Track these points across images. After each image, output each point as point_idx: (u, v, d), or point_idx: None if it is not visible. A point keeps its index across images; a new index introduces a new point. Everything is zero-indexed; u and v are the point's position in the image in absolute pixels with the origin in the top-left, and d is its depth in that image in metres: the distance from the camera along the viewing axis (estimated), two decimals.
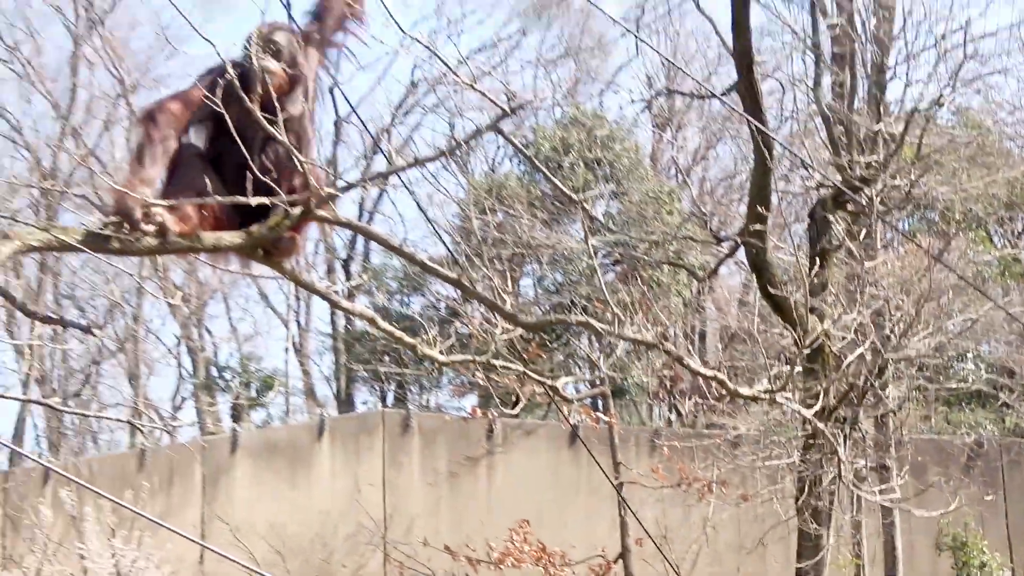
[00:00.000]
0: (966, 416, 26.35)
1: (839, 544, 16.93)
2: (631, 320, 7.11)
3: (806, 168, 18.79)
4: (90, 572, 20.23)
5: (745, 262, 17.96)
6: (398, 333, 6.74)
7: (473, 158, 34.56)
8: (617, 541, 21.55)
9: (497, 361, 7.07)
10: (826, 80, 17.99)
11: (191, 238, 5.78)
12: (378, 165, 35.34)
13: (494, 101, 5.70)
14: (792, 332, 13.18)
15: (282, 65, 6.15)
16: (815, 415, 11.34)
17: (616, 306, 6.90)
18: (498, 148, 35.30)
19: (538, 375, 7.79)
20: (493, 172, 34.51)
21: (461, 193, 32.73)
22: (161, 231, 5.67)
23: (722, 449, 19.68)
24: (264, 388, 34.98)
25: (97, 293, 34.16)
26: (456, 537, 21.37)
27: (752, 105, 14.29)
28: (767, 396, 7.47)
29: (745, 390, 7.53)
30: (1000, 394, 24.11)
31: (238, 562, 6.47)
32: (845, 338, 14.30)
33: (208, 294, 35.90)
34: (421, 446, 24.35)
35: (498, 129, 5.85)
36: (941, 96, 17.24)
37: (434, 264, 6.64)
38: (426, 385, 33.01)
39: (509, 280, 7.17)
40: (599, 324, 6.82)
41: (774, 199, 17.20)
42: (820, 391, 12.64)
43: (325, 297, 7.21)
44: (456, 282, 6.37)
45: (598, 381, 23.59)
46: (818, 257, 15.15)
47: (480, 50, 36.14)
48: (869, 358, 14.92)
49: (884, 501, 16.21)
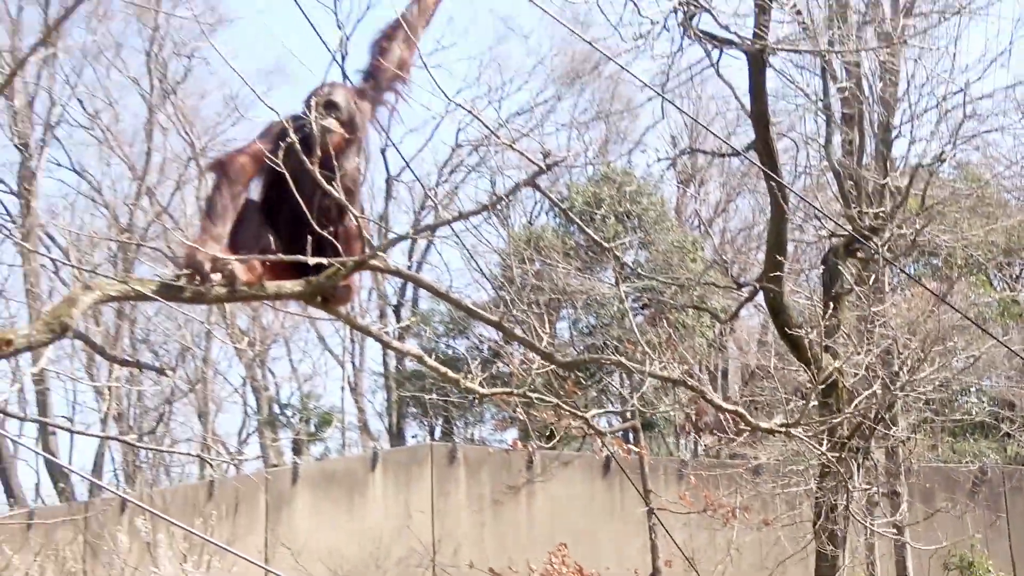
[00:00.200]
0: (971, 446, 26.18)
1: (854, 564, 16.77)
2: (659, 359, 7.09)
3: (819, 219, 18.73)
4: None
5: (764, 305, 17.90)
6: (443, 368, 6.75)
7: (513, 212, 34.67)
8: (648, 563, 21.47)
9: (533, 393, 7.06)
10: (836, 138, 17.95)
11: (256, 287, 5.80)
12: (426, 219, 35.43)
13: (531, 159, 5.71)
14: (807, 369, 13.15)
15: (339, 123, 6.18)
16: (829, 446, 11.28)
17: (645, 346, 6.89)
18: (535, 203, 35.39)
19: (573, 409, 7.78)
20: (531, 224, 34.56)
21: (502, 244, 32.85)
22: (229, 281, 5.70)
23: (744, 477, 19.59)
24: (322, 424, 35.04)
25: (170, 338, 34.26)
26: (500, 560, 21.34)
27: (769, 161, 14.30)
28: (784, 429, 7.44)
29: (764, 423, 7.49)
30: (1002, 425, 23.92)
31: None
32: (857, 375, 14.21)
33: (271, 338, 35.96)
34: (467, 476, 24.32)
35: (535, 185, 5.85)
36: (943, 152, 17.20)
37: (477, 308, 6.66)
38: (471, 420, 33.01)
39: (546, 323, 7.16)
40: (630, 363, 6.81)
41: (790, 247, 17.22)
42: (834, 424, 12.57)
43: (378, 339, 7.23)
44: (498, 324, 6.37)
45: (629, 415, 23.54)
46: (831, 300, 15.08)
47: (518, 114, 36.28)
48: (879, 393, 14.82)
49: (886, 531, 16.14)
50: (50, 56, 31.25)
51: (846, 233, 15.94)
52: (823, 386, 12.74)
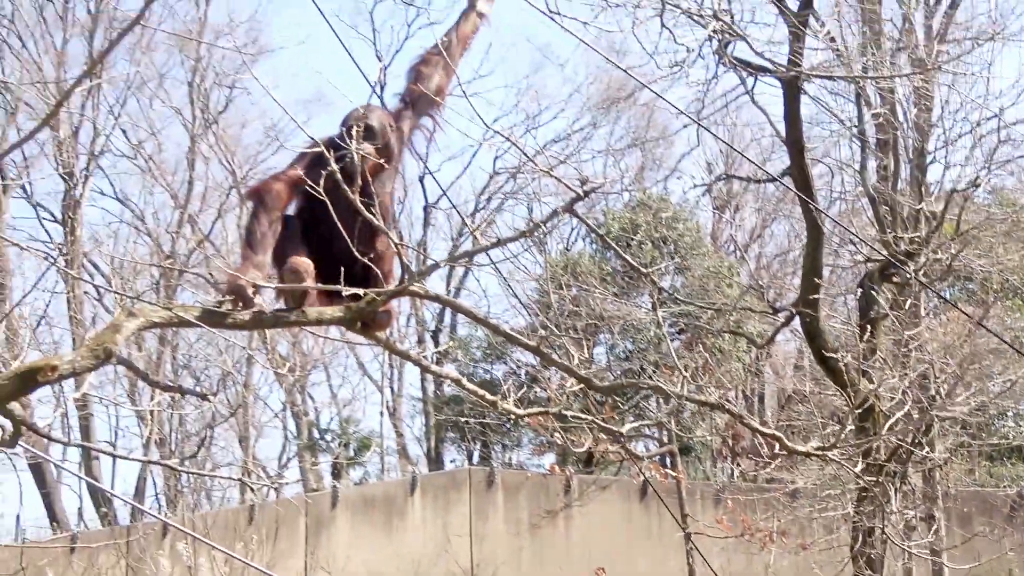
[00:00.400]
0: (1008, 470, 25.94)
1: None
2: (696, 384, 7.07)
3: (854, 244, 18.64)
4: None
5: (800, 330, 17.81)
6: (480, 391, 6.74)
7: (550, 238, 34.68)
8: None
9: (569, 412, 7.04)
10: (871, 164, 17.89)
11: (297, 313, 5.83)
12: (464, 245, 35.49)
13: (568, 186, 5.71)
14: (844, 393, 13.09)
15: (374, 146, 6.19)
16: (866, 470, 11.20)
17: (682, 371, 6.87)
18: (572, 229, 35.43)
19: (609, 428, 7.76)
20: (568, 251, 34.58)
21: (539, 270, 32.82)
22: (297, 301, 5.75)
23: (781, 502, 19.46)
24: (361, 448, 35.09)
25: (211, 364, 34.39)
26: None
27: (804, 187, 14.27)
28: (821, 453, 7.38)
29: (801, 447, 7.44)
30: None
31: None
32: (893, 399, 14.12)
33: (311, 364, 36.06)
34: (504, 500, 24.28)
35: (573, 211, 5.85)
36: (978, 177, 17.07)
37: (515, 334, 6.65)
38: (508, 444, 32.97)
39: (584, 348, 7.15)
40: (667, 387, 6.79)
41: (825, 272, 17.15)
42: (871, 448, 12.49)
43: (417, 363, 7.23)
44: (535, 349, 6.36)
45: (666, 440, 23.45)
46: (867, 325, 15.01)
47: (555, 141, 36.37)
48: (916, 417, 14.73)
49: (924, 555, 16.01)
50: (94, 87, 31.49)
51: (882, 258, 15.87)
52: (859, 410, 12.67)
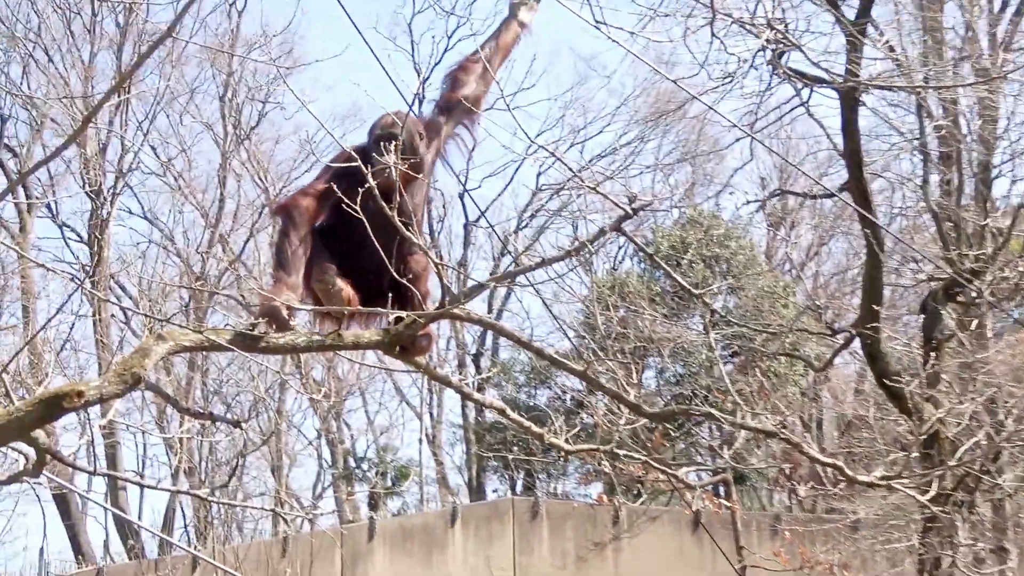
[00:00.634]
0: None
1: None
2: (750, 409, 7.04)
3: (917, 262, 18.56)
4: None
5: (860, 353, 17.71)
6: (526, 423, 6.72)
7: (596, 258, 34.63)
8: None
9: (621, 450, 7.02)
10: (933, 178, 17.80)
11: (332, 336, 5.83)
12: (506, 265, 35.47)
13: (616, 203, 5.70)
14: (907, 419, 12.99)
15: (402, 156, 6.17)
16: (932, 500, 11.11)
17: (736, 396, 6.85)
18: (619, 248, 35.35)
19: (661, 464, 7.73)
20: (615, 270, 34.53)
21: (585, 291, 32.80)
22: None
23: (842, 533, 19.33)
24: (399, 478, 35.06)
25: (243, 389, 34.43)
26: None
27: (863, 202, 14.21)
28: (885, 482, 7.34)
29: (863, 476, 7.39)
30: None
31: None
32: (960, 424, 14.02)
33: (346, 389, 36.10)
34: (550, 532, 24.20)
35: (620, 229, 5.83)
36: None
37: (561, 358, 6.64)
38: (554, 473, 32.87)
39: (633, 372, 7.13)
40: (720, 413, 6.77)
41: (886, 292, 17.04)
42: (937, 476, 12.39)
43: (458, 390, 7.23)
44: (582, 374, 6.35)
45: (720, 468, 23.35)
46: (931, 347, 14.92)
47: (601, 156, 36.25)
48: (984, 443, 14.60)
49: None
50: (123, 102, 31.69)
51: (946, 276, 15.77)
52: (924, 437, 12.59)
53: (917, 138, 17.53)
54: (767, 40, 12.78)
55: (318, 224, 6.28)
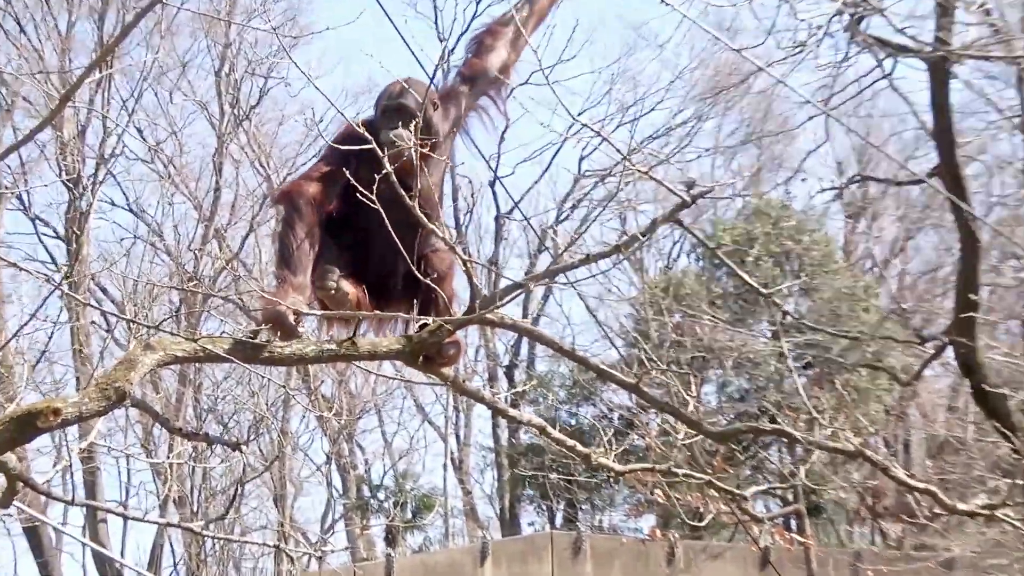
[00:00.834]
0: None
1: None
2: (828, 428, 7.01)
3: (1019, 258, 18.47)
4: None
5: (953, 363, 17.63)
6: (569, 441, 6.71)
7: (648, 254, 34.57)
8: None
9: (680, 470, 7.01)
10: None
11: (346, 345, 5.81)
12: (544, 263, 35.41)
13: (671, 190, 5.68)
14: (1011, 440, 12.91)
15: (414, 130, 6.12)
16: None
17: (812, 412, 6.82)
18: (675, 243, 35.30)
19: (724, 491, 7.71)
20: (670, 268, 34.48)
21: (635, 292, 32.74)
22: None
23: (934, 573, 19.27)
24: (421, 508, 35.08)
25: (242, 407, 34.43)
26: None
27: (956, 189, 14.12)
28: (988, 512, 7.28)
29: (961, 506, 7.34)
30: None
31: None
32: None
33: (360, 406, 36.13)
34: (595, 570, 24.18)
35: (677, 221, 5.82)
36: None
37: (609, 369, 6.62)
38: (599, 504, 32.85)
39: (692, 385, 7.11)
40: (793, 433, 6.74)
41: (984, 293, 16.94)
42: None
43: (490, 406, 7.22)
44: (635, 388, 6.33)
45: (791, 497, 23.30)
46: None
47: (653, 137, 36.06)
48: None
49: None
50: (105, 78, 31.78)
51: None
52: None
53: (1018, 115, 17.44)
54: (844, 4, 12.73)
55: (327, 213, 6.25)
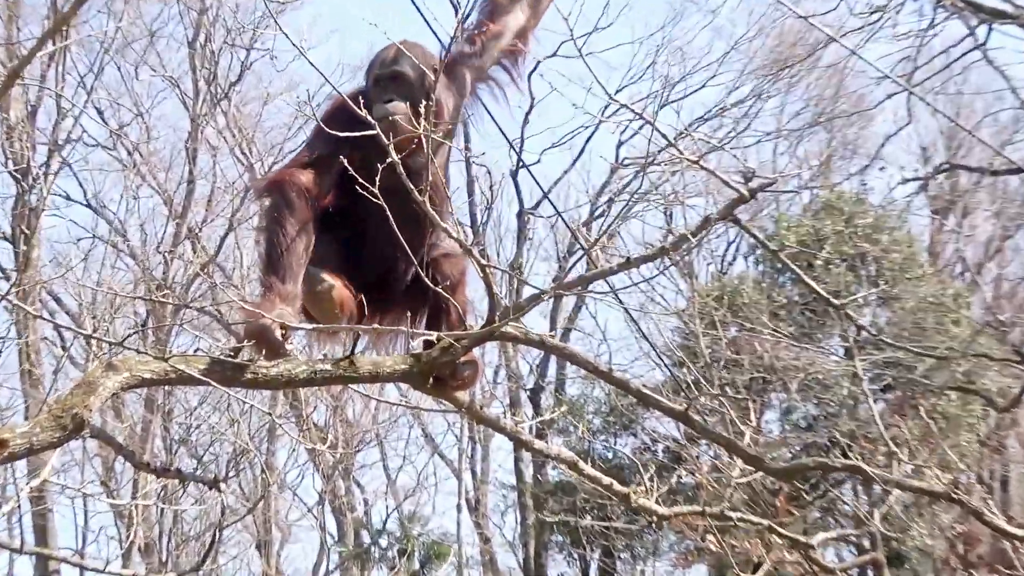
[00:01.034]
0: None
1: None
2: (911, 464, 7.01)
3: None
4: None
5: None
6: (606, 480, 6.72)
7: (698, 257, 34.57)
8: None
9: (734, 513, 7.01)
10: None
11: (344, 365, 5.80)
12: (575, 268, 35.38)
13: (727, 182, 5.69)
14: None
15: (409, 103, 6.08)
16: None
17: (890, 445, 6.82)
18: (729, 243, 35.30)
19: (788, 536, 7.72)
20: (723, 274, 34.46)
21: (683, 302, 32.71)
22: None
23: None
24: (431, 558, 35.13)
25: (220, 437, 34.43)
26: None
27: None
28: None
29: None
30: None
31: None
32: None
33: (359, 437, 36.17)
34: None
35: (733, 218, 5.82)
36: None
37: (652, 393, 6.63)
38: (640, 552, 32.85)
39: (750, 412, 7.11)
40: (869, 468, 6.74)
41: None
42: None
43: (513, 437, 7.21)
44: (682, 415, 6.34)
45: (868, 544, 23.28)
46: None
47: (704, 119, 36.10)
48: None
49: None
50: (59, 51, 31.81)
51: None
52: None
53: None
54: None
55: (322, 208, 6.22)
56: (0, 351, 31.84)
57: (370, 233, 5.94)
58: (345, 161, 5.74)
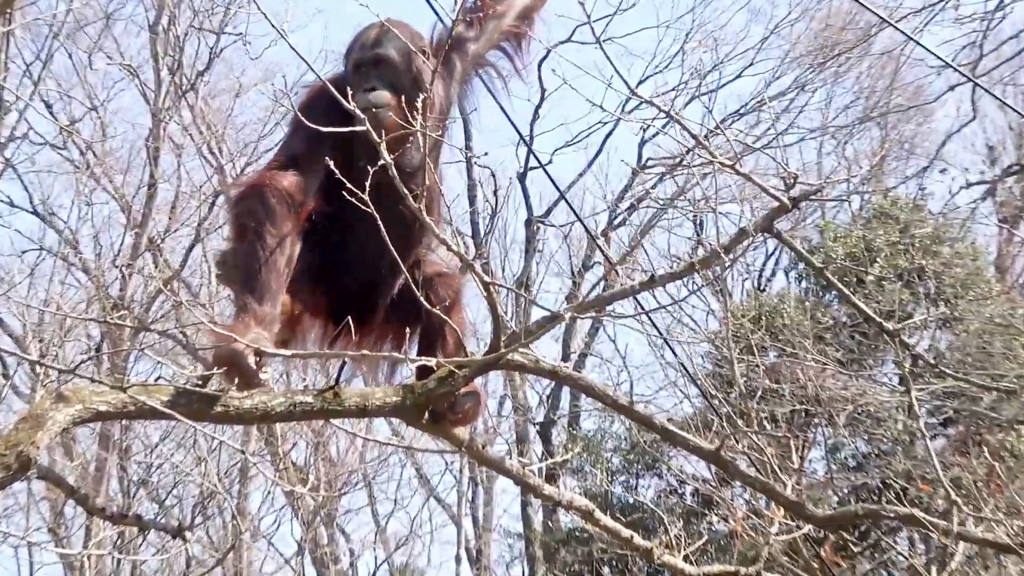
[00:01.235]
0: None
1: None
2: (974, 511, 7.03)
3: None
4: None
5: None
6: (625, 532, 6.73)
7: (732, 273, 34.56)
8: None
9: (774, 575, 7.03)
10: None
11: (327, 397, 5.78)
12: (592, 287, 35.41)
13: (764, 188, 5.71)
14: None
15: (394, 95, 6.09)
16: None
17: (950, 489, 6.83)
18: (767, 256, 35.30)
19: None
20: (761, 292, 34.44)
21: (714, 324, 32.72)
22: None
23: None
24: None
25: (186, 478, 34.45)
26: None
27: None
28: None
29: None
30: None
31: None
32: None
33: (344, 478, 36.20)
34: None
35: (772, 229, 5.83)
36: None
37: (678, 430, 6.64)
38: None
39: (792, 452, 7.12)
40: (927, 517, 6.75)
41: None
42: None
43: (520, 480, 7.22)
44: (714, 455, 6.35)
45: None
46: None
47: (740, 114, 36.15)
48: None
49: None
50: (2, 37, 31.84)
51: None
52: None
53: None
54: None
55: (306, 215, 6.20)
56: None
57: (351, 241, 5.93)
58: (331, 162, 5.72)
